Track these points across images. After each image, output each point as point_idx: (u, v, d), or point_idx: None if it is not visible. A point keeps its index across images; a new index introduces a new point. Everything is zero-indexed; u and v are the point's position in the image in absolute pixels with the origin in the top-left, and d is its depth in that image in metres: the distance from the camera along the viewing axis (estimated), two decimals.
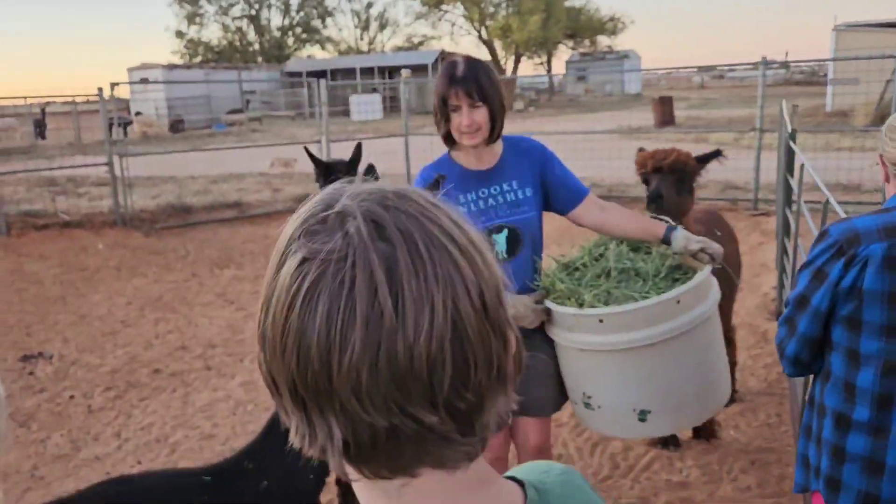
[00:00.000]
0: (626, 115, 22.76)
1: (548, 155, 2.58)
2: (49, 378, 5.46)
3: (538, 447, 2.68)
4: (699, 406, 2.41)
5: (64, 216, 9.15)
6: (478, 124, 2.37)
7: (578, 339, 2.33)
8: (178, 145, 24.57)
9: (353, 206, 0.67)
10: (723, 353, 2.53)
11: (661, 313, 2.20)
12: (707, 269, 2.33)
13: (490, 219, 2.49)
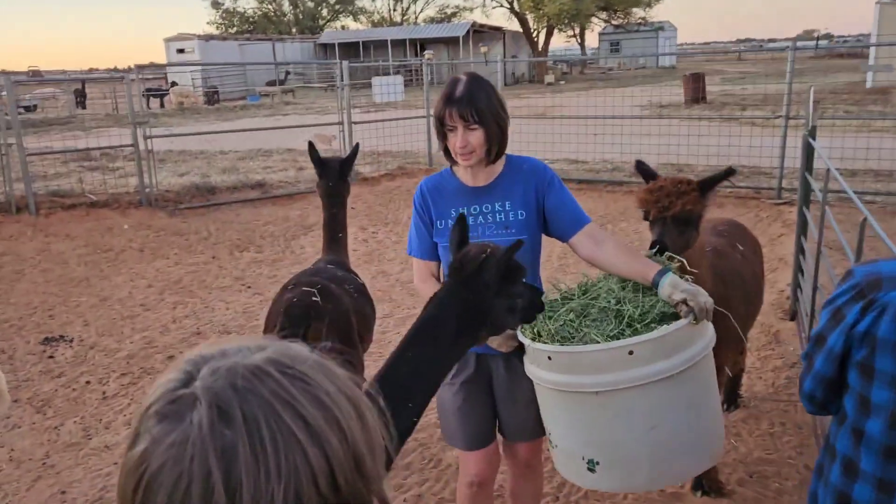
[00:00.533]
0: (657, 90, 22.31)
1: (548, 179, 2.51)
2: (68, 362, 5.61)
3: (526, 462, 2.72)
4: (653, 472, 2.19)
5: (91, 196, 9.32)
6: (472, 146, 2.34)
7: (535, 372, 2.27)
8: (211, 117, 24.85)
9: (205, 387, 0.66)
10: (702, 417, 2.25)
11: (610, 362, 2.07)
12: (680, 322, 2.12)
13: (476, 236, 2.44)
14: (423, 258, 2.58)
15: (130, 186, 10.01)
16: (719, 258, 3.46)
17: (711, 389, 2.35)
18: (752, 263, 3.82)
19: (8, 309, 6.69)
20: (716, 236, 3.77)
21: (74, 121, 22.89)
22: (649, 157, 10.60)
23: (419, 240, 2.58)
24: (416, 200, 2.58)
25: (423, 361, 1.87)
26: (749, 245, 3.94)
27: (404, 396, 1.82)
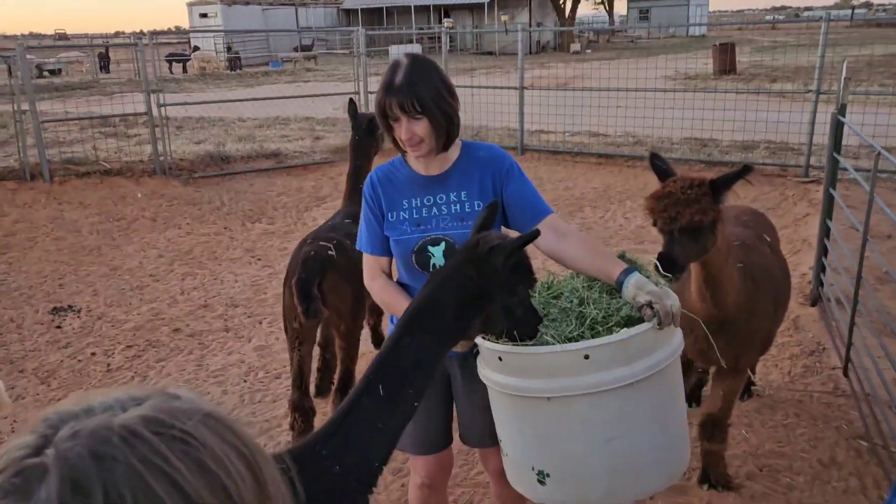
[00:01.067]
0: (685, 61, 21.74)
1: (507, 166, 2.35)
2: (75, 332, 5.60)
3: (500, 473, 2.52)
4: (610, 487, 2.02)
5: (105, 164, 9.28)
6: (419, 137, 2.17)
7: (486, 373, 2.13)
8: (232, 83, 24.76)
9: (58, 456, 0.57)
10: (667, 431, 2.08)
11: (564, 365, 1.92)
12: (643, 326, 1.95)
13: (430, 229, 2.31)
14: (374, 253, 2.42)
15: (145, 154, 9.95)
16: (748, 253, 3.22)
17: (677, 400, 2.17)
18: (781, 259, 3.58)
19: (19, 277, 6.70)
20: (741, 227, 3.50)
21: (97, 85, 22.95)
22: (673, 130, 10.38)
23: (369, 233, 2.41)
24: (366, 192, 2.41)
25: (420, 347, 1.78)
26: (774, 238, 3.71)
27: (405, 382, 1.74)
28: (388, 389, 1.70)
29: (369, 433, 1.68)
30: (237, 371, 4.93)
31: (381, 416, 1.70)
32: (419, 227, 2.31)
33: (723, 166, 9.40)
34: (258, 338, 5.42)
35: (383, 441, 1.70)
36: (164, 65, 29.80)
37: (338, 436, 1.68)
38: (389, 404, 1.71)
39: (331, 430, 1.70)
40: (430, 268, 2.31)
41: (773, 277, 3.31)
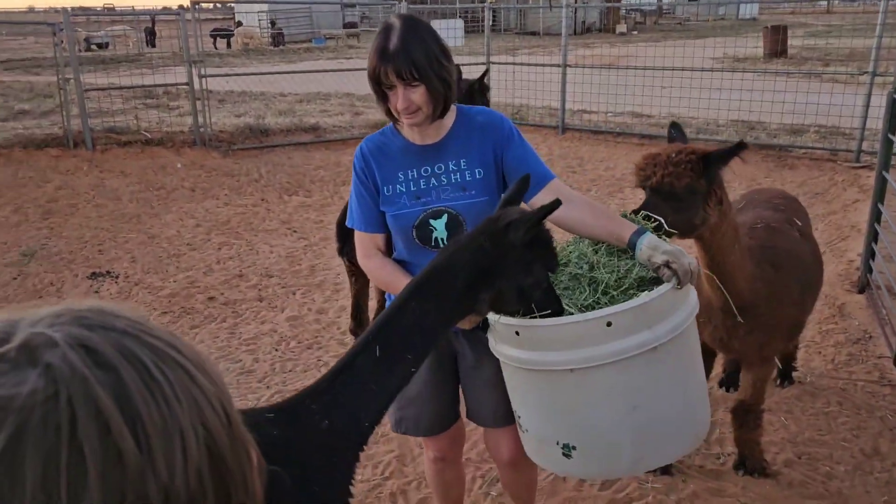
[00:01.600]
0: (734, 43, 21.11)
1: (506, 131, 2.22)
2: (112, 297, 5.68)
3: (512, 461, 2.45)
4: (635, 456, 1.99)
5: (146, 134, 9.38)
6: (415, 105, 2.05)
7: (501, 349, 2.04)
8: (275, 58, 24.87)
9: (46, 334, 0.54)
10: (688, 395, 2.05)
11: (585, 335, 1.84)
12: (663, 288, 1.88)
13: (430, 201, 2.18)
14: (368, 230, 2.28)
15: (186, 125, 10.04)
16: (771, 236, 3.10)
17: (697, 363, 2.11)
18: (812, 244, 3.41)
19: (60, 242, 6.82)
20: (770, 210, 3.38)
21: (142, 59, 23.24)
22: (720, 112, 10.09)
23: (361, 210, 2.27)
24: (357, 165, 2.27)
25: (425, 314, 1.73)
26: (806, 223, 3.53)
27: (403, 347, 1.70)
28: (386, 352, 1.67)
29: (360, 393, 1.66)
30: (269, 340, 4.94)
31: (374, 378, 1.67)
32: (419, 200, 2.18)
33: (770, 150, 9.13)
34: (291, 308, 5.43)
35: (374, 402, 1.67)
36: (208, 40, 30.08)
37: (329, 393, 1.66)
38: (385, 367, 1.67)
39: (322, 387, 1.68)
40: (431, 242, 2.20)
41: (801, 263, 3.15)
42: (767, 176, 8.41)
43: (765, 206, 3.40)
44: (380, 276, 2.28)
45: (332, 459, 1.62)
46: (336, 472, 1.62)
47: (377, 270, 2.28)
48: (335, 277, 5.95)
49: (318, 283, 5.86)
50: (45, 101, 12.39)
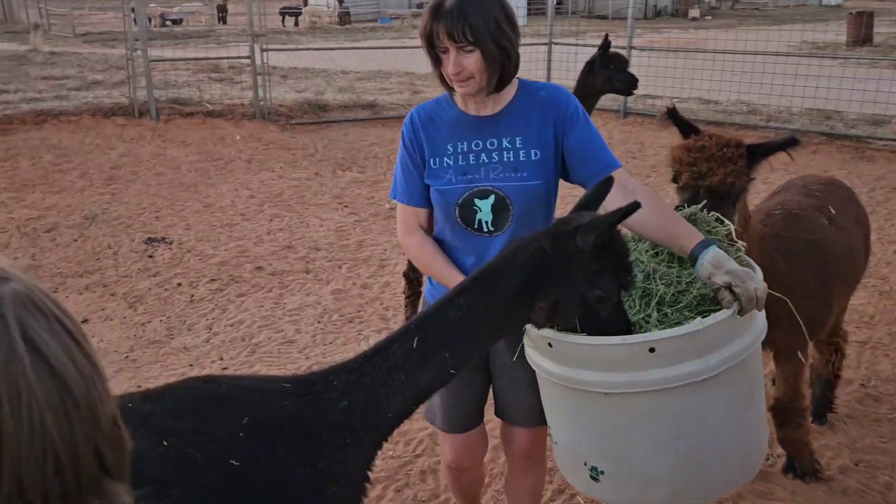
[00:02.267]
0: (815, 30, 20.15)
1: (571, 110, 2.03)
2: (165, 263, 5.78)
3: (526, 454, 2.32)
4: (673, 488, 1.79)
5: (208, 106, 9.53)
6: (468, 72, 1.89)
7: (534, 358, 1.89)
8: (340, 37, 25.03)
9: None
10: (743, 427, 1.82)
11: (624, 359, 1.65)
12: (721, 315, 1.66)
13: (477, 179, 2.01)
14: (411, 204, 2.13)
15: (247, 99, 10.15)
16: (790, 223, 2.84)
17: (756, 394, 1.88)
18: (849, 234, 3.09)
19: (120, 207, 6.98)
20: (801, 196, 3.11)
21: (212, 35, 23.74)
22: (793, 99, 9.59)
23: (406, 181, 2.13)
24: (406, 134, 2.12)
25: (471, 313, 1.61)
26: (850, 212, 3.21)
27: (442, 342, 1.60)
28: (423, 344, 1.58)
29: (387, 380, 1.58)
30: (312, 312, 4.94)
31: (405, 368, 1.58)
32: (465, 177, 2.03)
33: (846, 140, 8.65)
34: (336, 282, 5.41)
35: (401, 393, 1.59)
36: (276, 18, 30.54)
37: (355, 373, 1.60)
38: (419, 359, 1.59)
39: (350, 366, 1.63)
40: (475, 224, 2.04)
41: (821, 253, 2.86)
42: (842, 168, 7.97)
43: (797, 192, 3.16)
44: (418, 255, 2.15)
45: (346, 440, 1.55)
46: (349, 453, 1.55)
47: (416, 249, 2.15)
48: (382, 253, 5.91)
49: (364, 259, 5.83)
50: (117, 73, 12.75)
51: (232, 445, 1.45)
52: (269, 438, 1.49)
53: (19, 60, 14.54)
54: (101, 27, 26.24)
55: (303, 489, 1.49)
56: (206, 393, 1.55)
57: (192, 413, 1.49)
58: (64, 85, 11.48)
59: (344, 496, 1.55)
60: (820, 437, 3.44)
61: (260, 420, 1.50)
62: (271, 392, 1.58)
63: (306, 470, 1.50)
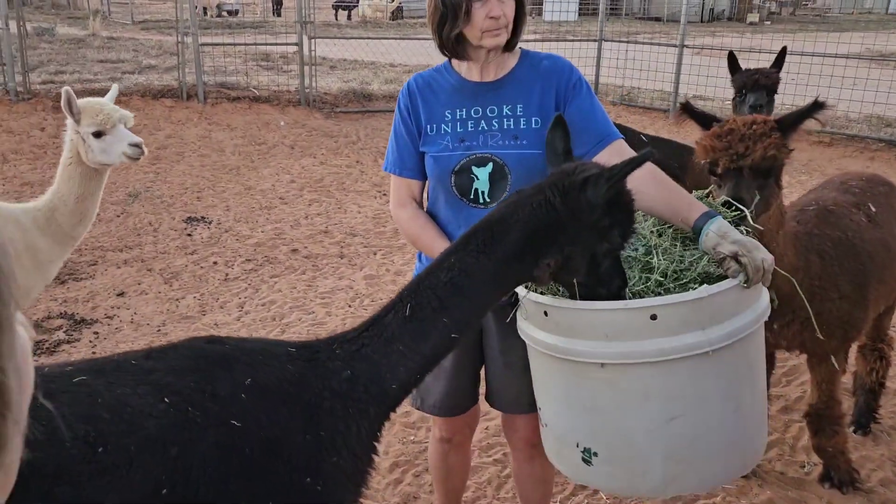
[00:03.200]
0: (880, 38, 19.42)
1: (574, 80, 1.98)
2: (203, 241, 5.84)
3: (528, 440, 2.25)
4: (666, 475, 1.69)
5: (255, 91, 9.62)
6: (507, 18, 1.85)
7: (527, 330, 1.79)
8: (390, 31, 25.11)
9: None
10: (742, 412, 1.73)
11: (625, 326, 1.58)
12: (726, 284, 1.60)
13: (475, 146, 1.95)
14: (403, 175, 2.07)
15: (293, 86, 10.22)
16: (824, 220, 2.69)
17: (758, 378, 1.79)
18: (890, 232, 2.92)
19: (164, 187, 7.09)
20: (840, 192, 2.94)
21: (265, 25, 24.07)
22: (851, 103, 9.22)
23: (399, 151, 2.07)
24: (401, 101, 2.06)
25: (465, 272, 1.54)
26: (894, 212, 3.01)
27: (437, 308, 1.53)
28: (417, 312, 1.52)
29: (386, 352, 1.52)
30: (344, 296, 4.92)
31: (403, 339, 1.52)
32: (462, 143, 1.97)
33: None
34: (370, 267, 5.39)
35: (402, 364, 1.53)
36: (330, 11, 30.91)
37: (355, 343, 1.54)
38: (415, 328, 1.52)
39: (350, 336, 1.57)
40: (471, 193, 1.98)
41: (857, 252, 2.68)
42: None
43: (836, 188, 3.00)
44: (410, 228, 2.07)
45: (350, 410, 1.50)
46: (352, 423, 1.50)
47: (408, 222, 2.07)
48: None
49: (399, 246, 5.79)
50: (171, 58, 12.96)
51: (233, 406, 1.41)
52: (272, 402, 1.45)
53: (78, 44, 14.92)
54: (158, 16, 26.82)
55: (303, 456, 1.44)
56: (210, 352, 1.51)
57: (194, 372, 1.45)
58: (119, 68, 11.71)
59: (346, 467, 1.50)
60: (861, 448, 3.28)
61: (263, 382, 1.46)
62: (275, 355, 1.54)
63: (307, 437, 1.45)
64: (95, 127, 3.10)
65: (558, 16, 22.46)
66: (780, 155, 2.17)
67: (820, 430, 2.88)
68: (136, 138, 3.24)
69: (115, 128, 3.16)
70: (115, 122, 3.17)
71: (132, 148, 3.21)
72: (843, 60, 9.63)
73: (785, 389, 3.78)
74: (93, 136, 3.11)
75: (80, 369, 1.41)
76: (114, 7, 27.46)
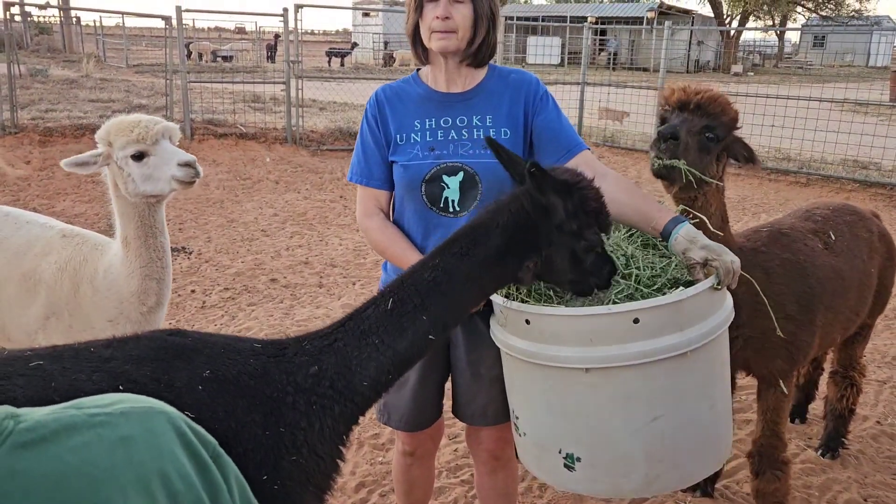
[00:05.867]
0: (860, 87, 19.92)
1: (541, 93, 2.02)
2: (182, 271, 5.84)
3: (493, 453, 2.23)
4: (649, 475, 1.72)
5: (241, 128, 9.75)
6: (454, 23, 1.87)
7: (505, 339, 1.81)
8: (382, 77, 25.58)
9: None
10: (715, 409, 1.78)
11: (609, 331, 1.62)
12: (702, 286, 1.66)
13: (445, 155, 1.96)
14: (370, 185, 2.06)
15: (281, 124, 10.37)
16: (774, 241, 2.64)
17: (726, 376, 1.86)
18: (847, 261, 2.81)
19: None
20: (798, 219, 2.89)
21: (258, 70, 24.50)
22: (825, 145, 9.43)
23: (367, 160, 2.05)
24: (369, 111, 2.07)
25: (448, 273, 1.58)
26: (859, 238, 2.92)
27: (418, 305, 1.56)
28: (397, 306, 1.54)
29: (360, 344, 1.53)
30: (320, 323, 4.87)
31: (379, 332, 1.53)
32: (433, 153, 1.97)
33: (879, 188, 8.47)
34: (348, 296, 5.40)
35: (375, 359, 1.53)
36: (324, 59, 31.63)
37: (328, 338, 1.54)
38: (394, 322, 1.54)
39: (324, 331, 1.57)
40: (440, 202, 1.98)
41: (805, 274, 2.61)
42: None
43: (799, 216, 2.95)
44: (378, 238, 2.06)
45: (313, 407, 1.49)
46: (315, 420, 1.49)
47: (376, 232, 2.05)
48: None
49: (379, 277, 5.81)
50: (161, 98, 13.16)
51: (186, 397, 1.40)
52: (229, 394, 1.43)
53: (71, 85, 15.11)
54: (153, 60, 27.24)
55: (260, 451, 1.43)
56: (170, 344, 1.50)
57: (151, 361, 1.44)
58: (109, 107, 11.85)
59: (306, 467, 1.48)
60: (829, 471, 3.27)
61: (221, 375, 1.45)
62: (239, 350, 1.53)
63: (266, 432, 1.44)
64: (134, 147, 2.33)
65: (542, 59, 22.96)
66: (728, 110, 2.26)
67: (761, 473, 2.70)
68: (186, 156, 2.40)
69: (159, 144, 2.36)
70: (158, 137, 2.37)
71: (183, 169, 2.36)
72: (827, 106, 9.87)
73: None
74: (132, 159, 2.34)
75: (38, 354, 1.41)
76: (110, 52, 27.87)
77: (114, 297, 2.49)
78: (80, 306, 2.51)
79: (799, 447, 3.47)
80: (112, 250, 2.55)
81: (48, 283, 2.56)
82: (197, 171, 2.41)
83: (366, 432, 3.56)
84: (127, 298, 2.49)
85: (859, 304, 2.94)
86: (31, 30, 26.12)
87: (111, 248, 2.57)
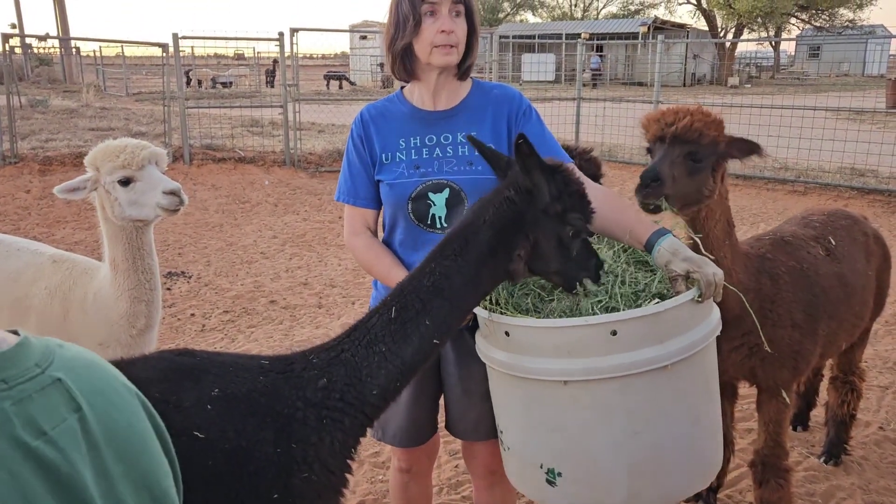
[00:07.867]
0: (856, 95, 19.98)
1: (524, 107, 2.04)
2: (181, 295, 5.85)
3: (488, 467, 2.22)
4: (631, 490, 1.69)
5: (239, 152, 9.81)
6: (456, 37, 1.89)
7: (487, 351, 1.80)
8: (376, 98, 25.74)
9: None
10: (700, 424, 1.75)
11: (587, 343, 1.60)
12: (682, 298, 1.64)
13: (431, 173, 1.98)
14: (357, 204, 2.08)
15: (279, 148, 10.43)
16: (778, 248, 2.64)
17: (712, 392, 1.83)
18: (849, 266, 2.81)
19: None
20: (798, 226, 2.90)
21: (257, 95, 24.71)
22: (822, 153, 9.47)
23: (353, 180, 2.07)
24: (354, 131, 2.08)
25: (445, 275, 1.60)
26: (856, 242, 2.93)
27: (421, 310, 1.58)
28: (401, 313, 1.56)
29: (368, 353, 1.53)
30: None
31: (385, 340, 1.54)
32: (418, 170, 1.99)
33: (877, 195, 8.47)
34: (348, 316, 5.40)
35: (383, 367, 1.53)
36: (322, 83, 31.90)
37: (335, 349, 1.55)
38: (399, 329, 1.55)
39: (329, 344, 1.59)
40: (428, 219, 1.99)
41: (810, 282, 2.60)
42: (874, 221, 7.77)
43: (797, 223, 2.96)
44: (365, 256, 2.07)
45: (323, 420, 1.50)
46: (326, 435, 1.49)
47: (363, 250, 2.07)
48: None
49: None
50: (161, 125, 13.27)
51: (197, 416, 1.40)
52: (239, 413, 1.44)
53: (71, 114, 15.23)
54: (153, 88, 27.48)
55: (271, 469, 1.43)
56: (178, 364, 1.51)
57: (159, 382, 1.45)
58: (109, 135, 11.95)
59: (318, 482, 1.48)
60: (833, 478, 3.25)
61: (231, 393, 1.45)
62: (247, 368, 1.54)
63: (277, 449, 1.44)
64: (120, 172, 2.36)
65: (537, 75, 23.13)
66: (707, 133, 2.19)
67: (764, 482, 2.67)
68: (172, 184, 2.43)
69: (145, 170, 2.39)
70: (144, 163, 2.38)
71: (168, 197, 2.39)
72: (821, 114, 9.90)
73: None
74: (119, 184, 2.37)
75: None
76: (110, 81, 28.11)
77: (103, 320, 2.50)
78: (71, 330, 2.52)
79: (801, 455, 3.45)
80: (101, 273, 2.56)
81: (38, 309, 2.57)
82: (182, 199, 2.45)
83: (366, 451, 3.54)
84: (116, 321, 2.49)
85: (863, 310, 2.94)
86: (31, 61, 26.38)
87: (100, 272, 2.58)
